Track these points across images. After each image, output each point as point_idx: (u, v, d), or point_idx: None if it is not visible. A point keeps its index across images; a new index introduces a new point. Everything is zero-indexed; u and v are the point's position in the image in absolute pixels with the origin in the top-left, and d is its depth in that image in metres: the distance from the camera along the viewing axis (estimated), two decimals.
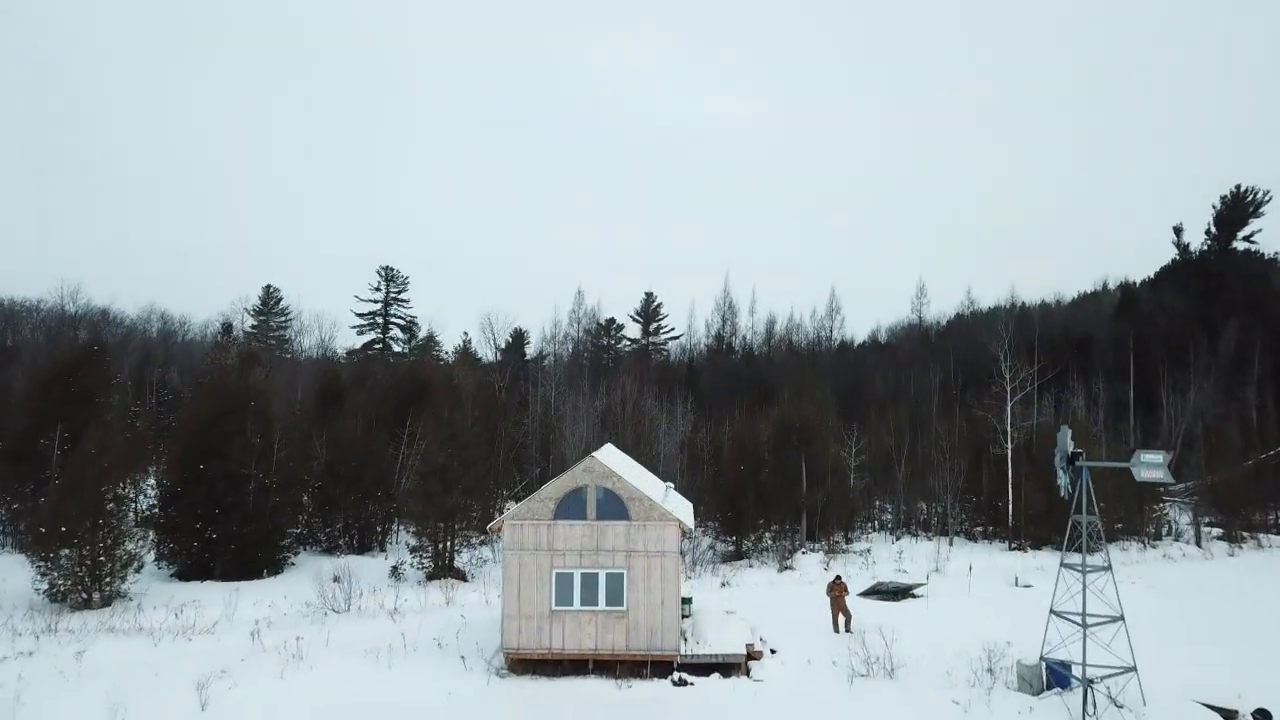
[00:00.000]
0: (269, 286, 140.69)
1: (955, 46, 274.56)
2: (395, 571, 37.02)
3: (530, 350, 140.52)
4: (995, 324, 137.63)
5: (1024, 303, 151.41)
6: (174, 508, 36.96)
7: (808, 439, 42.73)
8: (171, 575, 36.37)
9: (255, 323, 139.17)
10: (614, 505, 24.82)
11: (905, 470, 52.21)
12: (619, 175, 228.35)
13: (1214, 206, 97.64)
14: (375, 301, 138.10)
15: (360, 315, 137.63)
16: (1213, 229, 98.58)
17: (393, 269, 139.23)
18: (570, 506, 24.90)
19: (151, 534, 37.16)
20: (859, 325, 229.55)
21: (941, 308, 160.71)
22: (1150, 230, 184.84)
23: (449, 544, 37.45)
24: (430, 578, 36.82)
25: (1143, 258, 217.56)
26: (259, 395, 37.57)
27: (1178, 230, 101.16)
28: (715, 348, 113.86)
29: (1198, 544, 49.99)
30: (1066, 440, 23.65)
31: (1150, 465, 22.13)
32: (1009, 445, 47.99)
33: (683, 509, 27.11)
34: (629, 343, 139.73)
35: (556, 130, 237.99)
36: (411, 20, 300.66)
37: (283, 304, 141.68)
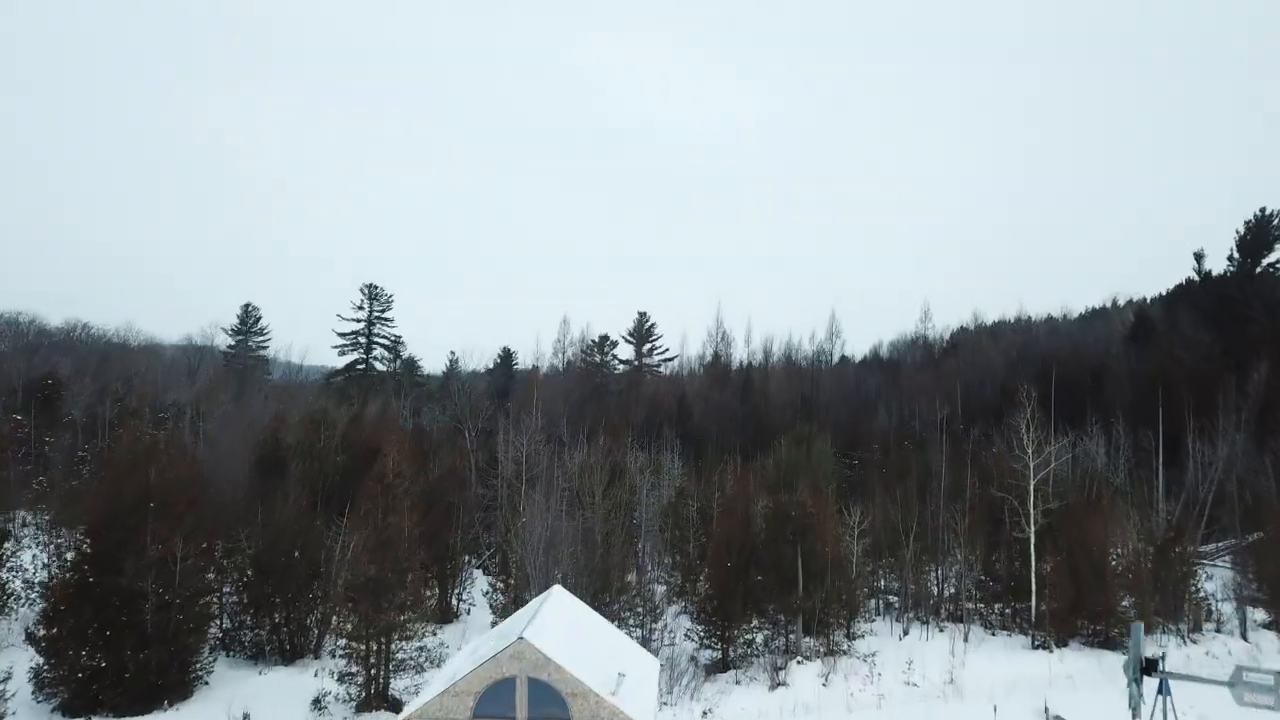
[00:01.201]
0: (248, 305, 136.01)
1: (963, 55, 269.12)
2: (318, 704, 31.54)
3: (518, 364, 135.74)
4: (1000, 339, 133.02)
5: (1030, 317, 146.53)
6: (60, 626, 31.45)
7: (804, 530, 37.24)
8: (54, 709, 30.89)
9: (233, 342, 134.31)
10: (551, 701, 19.39)
11: (913, 549, 46.67)
12: (610, 191, 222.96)
13: (1238, 232, 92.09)
14: (358, 320, 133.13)
15: (342, 335, 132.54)
16: (1235, 254, 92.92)
17: (376, 287, 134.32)
18: (495, 701, 19.45)
19: (33, 655, 31.72)
20: (860, 336, 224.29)
21: (945, 320, 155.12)
22: (1157, 244, 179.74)
23: (383, 669, 31.99)
24: (360, 709, 31.36)
25: (1149, 273, 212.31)
26: (163, 491, 32.03)
27: (1199, 256, 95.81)
28: (710, 372, 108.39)
29: (1243, 636, 44.47)
30: (1140, 644, 18.21)
31: (1258, 689, 16.73)
32: (1032, 529, 42.49)
33: (642, 699, 21.59)
34: (621, 364, 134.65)
35: (549, 140, 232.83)
36: (405, 27, 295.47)
37: (261, 323, 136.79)
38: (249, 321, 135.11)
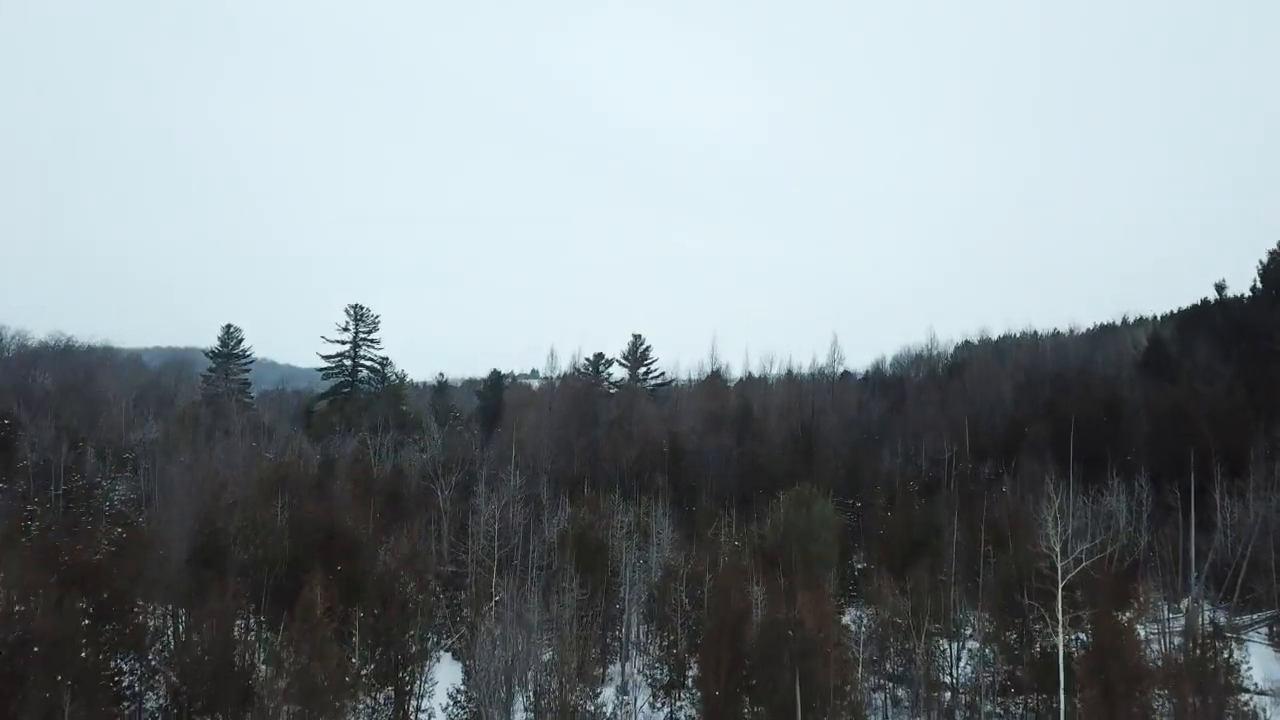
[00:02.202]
0: (229, 326, 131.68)
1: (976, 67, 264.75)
2: None
3: (515, 374, 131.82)
4: (1006, 356, 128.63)
5: (1036, 331, 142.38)
6: None
7: (804, 653, 32.64)
8: None
9: (213, 365, 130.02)
10: None
11: (925, 647, 42.12)
12: (608, 199, 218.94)
13: (1261, 262, 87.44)
14: (343, 343, 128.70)
15: (327, 358, 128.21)
16: (1259, 285, 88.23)
17: (362, 307, 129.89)
18: None
19: None
20: (862, 343, 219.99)
21: (948, 331, 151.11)
22: (1159, 251, 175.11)
23: None
24: None
25: (1154, 280, 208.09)
26: (47, 636, 27.32)
27: (1219, 288, 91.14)
28: (705, 408, 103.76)
29: None
30: None
31: None
32: (1061, 637, 37.86)
33: None
34: (614, 387, 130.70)
35: (544, 145, 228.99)
36: (408, 32, 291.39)
37: (244, 344, 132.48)
38: (230, 344, 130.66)
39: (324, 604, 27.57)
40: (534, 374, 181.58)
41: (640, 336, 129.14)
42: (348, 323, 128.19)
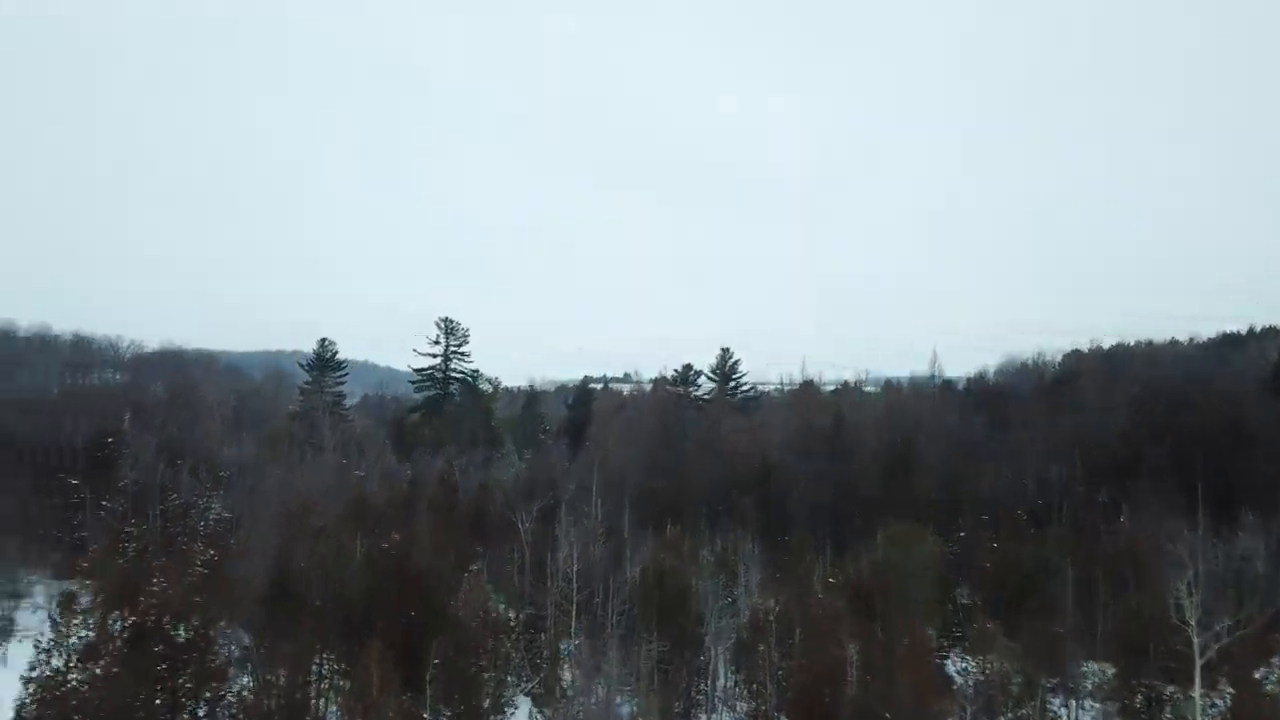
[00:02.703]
0: (324, 340, 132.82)
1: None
2: None
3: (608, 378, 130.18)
4: (1119, 368, 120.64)
5: (1151, 340, 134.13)
6: None
7: None
8: None
9: (309, 379, 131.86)
10: None
11: (1041, 713, 38.47)
12: (706, 218, 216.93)
13: None
14: (434, 355, 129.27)
15: (419, 371, 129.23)
16: None
17: (452, 321, 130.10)
18: None
19: None
20: (962, 361, 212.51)
21: (1056, 343, 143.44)
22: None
23: None
24: None
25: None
26: (112, 702, 26.31)
27: None
28: (797, 423, 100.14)
29: None
30: None
31: None
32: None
33: None
34: (703, 400, 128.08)
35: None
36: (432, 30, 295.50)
37: (338, 357, 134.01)
38: (326, 355, 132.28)
39: (379, 677, 25.86)
40: (626, 378, 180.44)
41: (729, 350, 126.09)
42: (438, 335, 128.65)
